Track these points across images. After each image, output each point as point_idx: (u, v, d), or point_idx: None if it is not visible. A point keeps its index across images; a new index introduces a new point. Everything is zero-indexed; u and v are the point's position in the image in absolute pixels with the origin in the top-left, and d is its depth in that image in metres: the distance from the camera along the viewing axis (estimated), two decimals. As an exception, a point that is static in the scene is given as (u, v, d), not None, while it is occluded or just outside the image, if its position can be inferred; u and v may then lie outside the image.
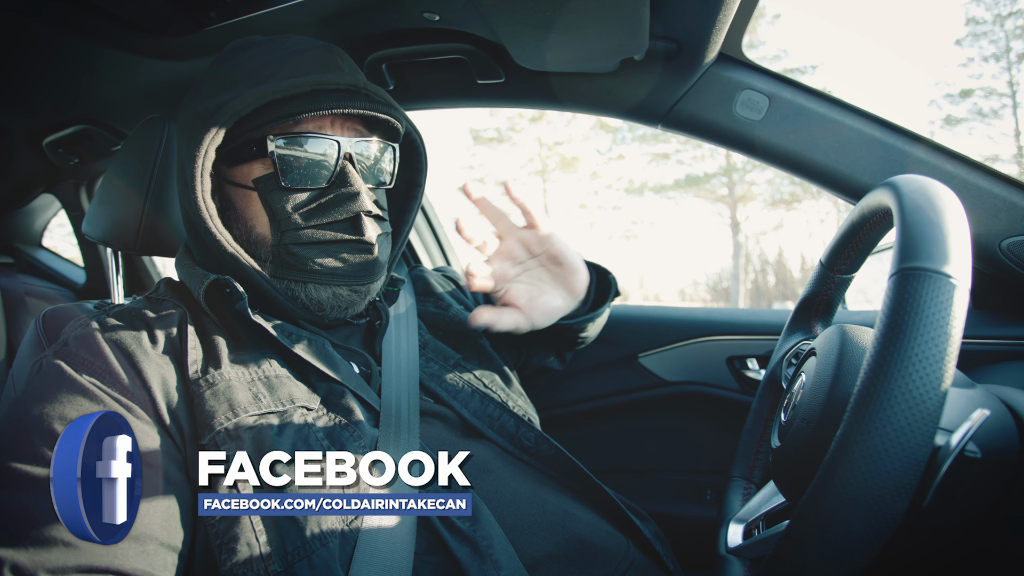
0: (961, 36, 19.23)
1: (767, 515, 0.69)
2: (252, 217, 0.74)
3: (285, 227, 0.72)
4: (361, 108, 0.72)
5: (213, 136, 0.68)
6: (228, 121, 0.68)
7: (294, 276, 0.73)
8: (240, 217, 0.74)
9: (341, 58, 0.77)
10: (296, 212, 0.72)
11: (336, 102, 0.71)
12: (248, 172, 0.73)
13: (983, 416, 0.45)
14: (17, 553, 0.52)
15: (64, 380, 0.62)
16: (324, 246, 0.73)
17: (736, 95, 1.02)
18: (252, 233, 0.74)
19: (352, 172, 0.73)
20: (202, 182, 0.69)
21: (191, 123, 0.72)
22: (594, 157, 24.53)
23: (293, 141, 0.71)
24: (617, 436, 1.34)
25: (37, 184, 1.70)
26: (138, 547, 0.56)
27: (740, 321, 1.25)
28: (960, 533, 0.52)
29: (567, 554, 0.67)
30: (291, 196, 0.72)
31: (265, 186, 0.72)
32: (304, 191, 0.72)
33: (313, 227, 0.72)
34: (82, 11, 0.96)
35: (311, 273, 0.73)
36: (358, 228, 0.73)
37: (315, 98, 0.70)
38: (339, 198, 0.72)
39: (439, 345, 0.88)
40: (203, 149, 0.68)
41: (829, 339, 0.61)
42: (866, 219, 0.64)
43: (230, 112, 0.68)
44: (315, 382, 0.71)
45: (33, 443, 0.57)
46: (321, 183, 0.72)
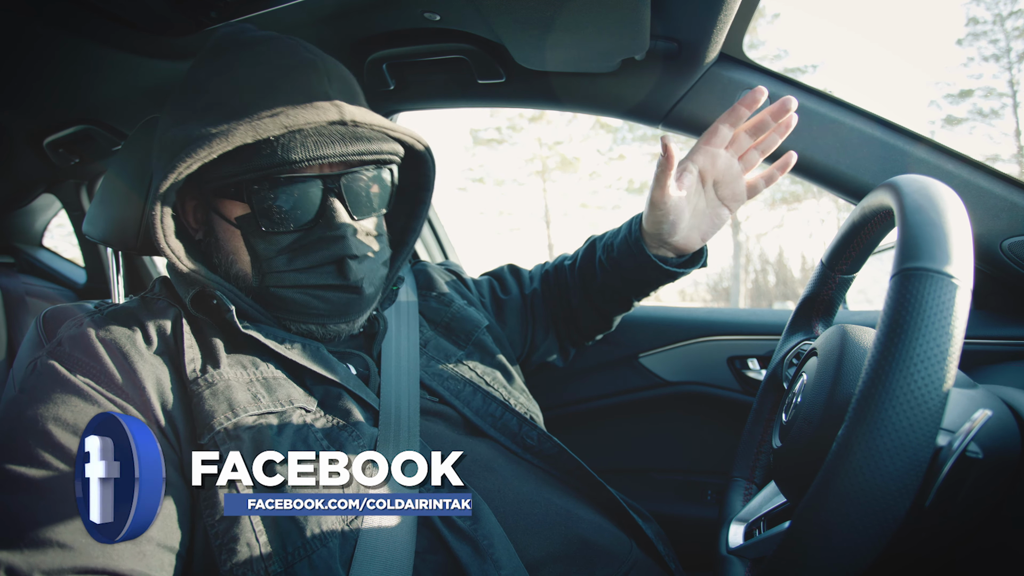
0: (961, 36, 19.23)
1: (768, 515, 0.69)
2: (234, 252, 0.73)
3: (267, 269, 0.71)
4: (340, 154, 0.67)
5: (172, 180, 0.65)
6: (190, 166, 0.64)
7: (280, 314, 0.73)
8: (222, 249, 0.73)
9: (329, 78, 0.70)
10: (278, 255, 0.71)
11: (315, 149, 0.66)
12: (231, 209, 0.71)
13: (985, 416, 0.45)
14: (12, 555, 0.52)
15: (58, 381, 0.62)
16: (307, 290, 0.72)
17: (737, 95, 1.02)
18: (233, 267, 0.73)
19: (338, 211, 0.70)
20: (163, 226, 0.67)
21: (160, 151, 0.69)
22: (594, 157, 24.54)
23: (272, 183, 0.67)
24: (617, 436, 1.34)
25: (38, 184, 1.70)
26: (134, 548, 0.55)
27: (741, 321, 1.24)
28: (961, 533, 0.52)
29: (569, 554, 0.67)
30: (273, 238, 0.70)
31: (247, 227, 0.71)
32: (286, 233, 0.70)
33: (296, 270, 0.71)
34: (82, 11, 0.96)
35: (295, 313, 0.73)
36: (343, 272, 0.71)
37: (291, 145, 0.65)
38: (323, 241, 0.70)
39: (441, 342, 0.88)
40: (160, 192, 0.65)
41: (830, 339, 0.60)
42: (867, 219, 0.64)
43: (193, 157, 0.64)
44: (311, 385, 0.71)
45: (27, 444, 0.57)
46: (304, 223, 0.70)
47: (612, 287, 0.98)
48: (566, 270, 1.06)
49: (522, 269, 1.12)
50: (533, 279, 1.09)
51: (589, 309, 1.03)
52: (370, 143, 0.70)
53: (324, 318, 0.73)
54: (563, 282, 1.05)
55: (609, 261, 0.95)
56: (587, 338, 1.10)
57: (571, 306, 1.04)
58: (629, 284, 0.96)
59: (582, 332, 1.08)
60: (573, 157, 22.43)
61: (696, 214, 0.88)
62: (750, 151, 0.87)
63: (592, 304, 1.02)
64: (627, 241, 0.92)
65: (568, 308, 1.05)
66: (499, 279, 1.10)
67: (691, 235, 0.89)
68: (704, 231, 0.90)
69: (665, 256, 0.92)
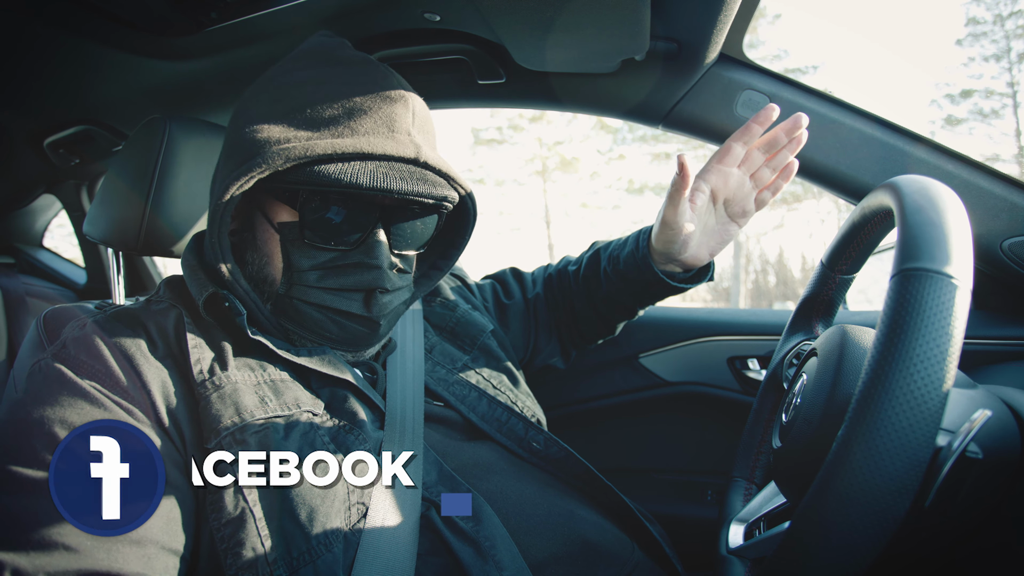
0: (961, 36, 19.22)
1: (768, 516, 0.69)
2: (268, 255, 0.72)
3: (296, 280, 0.71)
4: (404, 192, 0.67)
5: (243, 182, 0.65)
6: (263, 172, 0.65)
7: (290, 326, 0.73)
8: (258, 249, 0.73)
9: (413, 116, 0.71)
10: (312, 270, 0.71)
11: (383, 180, 0.66)
12: (277, 211, 0.71)
13: (984, 417, 0.45)
14: (18, 557, 0.52)
15: (64, 383, 0.61)
16: (327, 312, 0.72)
17: (737, 95, 1.02)
18: (264, 269, 0.73)
19: (380, 244, 0.70)
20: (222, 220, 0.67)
21: (238, 144, 0.69)
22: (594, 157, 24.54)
23: (327, 200, 0.68)
24: (618, 436, 1.34)
25: (38, 184, 1.69)
26: (138, 550, 0.55)
27: (741, 321, 1.24)
28: (961, 533, 0.52)
29: (572, 555, 0.67)
30: (311, 252, 0.70)
31: (288, 235, 0.71)
32: (325, 250, 0.70)
33: (324, 289, 0.71)
34: (82, 11, 0.96)
35: (306, 330, 0.73)
36: (369, 304, 0.72)
37: (361, 172, 0.65)
38: (359, 267, 0.70)
39: (446, 347, 0.88)
40: (229, 194, 0.66)
41: (830, 340, 0.60)
42: (867, 219, 0.64)
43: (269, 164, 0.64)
44: (317, 388, 0.71)
45: (33, 446, 0.57)
46: (345, 246, 0.70)
47: (617, 298, 0.99)
48: (570, 276, 1.06)
49: (524, 272, 1.12)
50: (536, 283, 1.09)
51: (593, 316, 1.04)
52: (433, 187, 0.70)
53: (333, 343, 0.73)
54: (567, 287, 1.05)
55: (615, 273, 0.96)
56: (589, 342, 1.10)
57: (574, 311, 1.05)
58: (634, 296, 0.97)
59: (585, 337, 1.08)
60: (573, 157, 22.44)
61: (706, 231, 0.89)
62: (762, 168, 0.87)
63: (596, 312, 1.03)
64: (634, 256, 0.92)
65: (571, 313, 1.05)
66: (502, 283, 1.10)
67: (700, 252, 0.89)
68: (713, 247, 0.90)
69: (672, 272, 0.92)
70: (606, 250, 1.01)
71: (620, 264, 0.95)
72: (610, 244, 1.02)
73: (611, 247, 1.01)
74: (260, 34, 1.01)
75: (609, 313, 1.02)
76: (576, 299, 1.04)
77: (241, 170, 0.65)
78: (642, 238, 0.93)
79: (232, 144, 0.70)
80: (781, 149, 0.86)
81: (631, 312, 1.03)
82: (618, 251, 0.97)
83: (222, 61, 1.10)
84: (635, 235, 0.96)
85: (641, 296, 0.97)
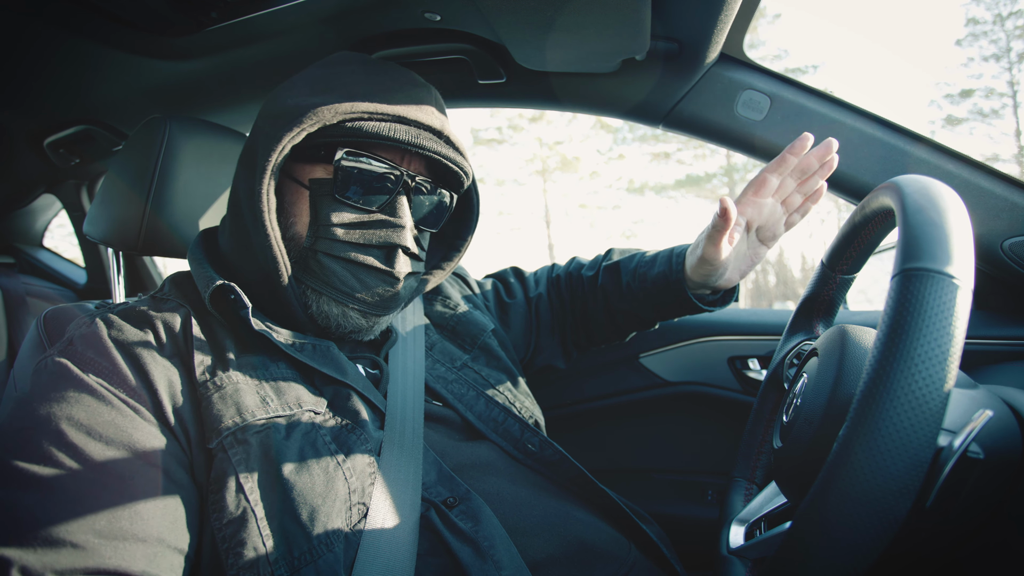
0: (961, 36, 19.24)
1: (769, 516, 0.69)
2: (296, 214, 0.74)
3: (323, 234, 0.73)
4: (435, 151, 0.74)
5: (295, 133, 0.69)
6: (314, 124, 0.69)
7: (312, 283, 0.74)
8: (285, 212, 0.75)
9: (436, 102, 0.78)
10: (338, 225, 0.73)
11: (416, 138, 0.72)
12: (308, 171, 0.74)
13: (986, 417, 0.45)
14: (25, 554, 0.51)
15: (71, 380, 0.61)
16: (351, 265, 0.73)
17: (738, 95, 1.02)
18: (291, 230, 0.74)
19: (404, 206, 0.74)
20: (270, 178, 0.70)
21: (277, 114, 0.72)
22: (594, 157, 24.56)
23: (361, 159, 0.72)
24: (618, 436, 1.34)
25: (38, 184, 1.70)
26: (145, 549, 0.55)
27: (741, 321, 1.24)
28: (962, 533, 0.52)
29: (569, 556, 0.67)
30: (339, 208, 0.73)
31: (319, 189, 0.73)
32: (354, 208, 0.73)
33: (349, 243, 0.73)
34: (82, 11, 0.96)
35: (329, 287, 0.73)
36: (391, 260, 0.74)
37: (398, 128, 0.72)
38: (383, 225, 0.74)
39: (447, 346, 0.88)
40: (281, 145, 0.69)
41: (831, 340, 0.60)
42: (868, 219, 0.64)
43: (317, 117, 0.69)
44: (320, 386, 0.71)
45: (40, 443, 0.57)
46: (371, 206, 0.73)
47: (639, 312, 1.01)
48: (584, 281, 1.06)
49: (526, 272, 1.13)
50: (539, 283, 1.09)
51: (606, 322, 1.05)
52: (456, 155, 0.77)
53: (354, 300, 0.74)
54: (580, 291, 1.06)
55: (641, 291, 0.97)
56: (596, 344, 1.12)
57: (587, 315, 1.06)
58: (658, 312, 1.00)
59: (592, 339, 1.10)
60: (573, 157, 22.45)
61: (738, 257, 0.90)
62: (793, 194, 0.88)
63: (612, 321, 1.04)
64: (666, 278, 0.94)
65: (583, 316, 1.07)
66: (503, 282, 1.10)
67: (732, 276, 0.91)
68: (744, 270, 0.92)
69: (703, 295, 0.95)
70: (629, 264, 1.02)
71: (648, 282, 0.96)
72: (633, 258, 1.02)
73: (636, 263, 1.01)
74: (260, 34, 1.01)
75: (626, 323, 1.05)
76: (590, 303, 1.05)
77: (291, 124, 0.69)
78: (675, 262, 0.94)
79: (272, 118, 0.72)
80: (813, 175, 0.87)
81: (649, 324, 1.06)
82: (645, 269, 0.98)
83: (222, 61, 1.10)
84: (666, 256, 0.97)
85: (664, 313, 1.00)
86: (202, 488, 0.62)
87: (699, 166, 21.05)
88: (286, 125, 0.69)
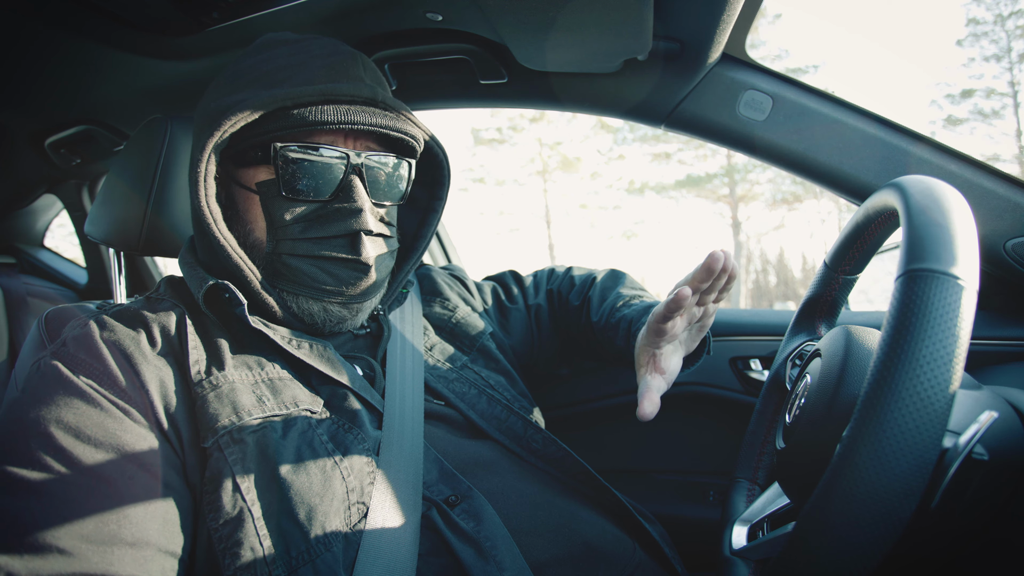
0: (962, 36, 19.23)
1: (772, 517, 0.68)
2: (252, 221, 0.73)
3: (281, 236, 0.72)
4: (370, 124, 0.70)
5: (217, 139, 0.67)
6: (234, 125, 0.67)
7: (285, 286, 0.73)
8: (241, 219, 0.74)
9: (364, 67, 0.75)
10: (294, 223, 0.71)
11: (346, 115, 0.69)
12: (253, 175, 0.73)
13: (991, 418, 0.45)
14: (11, 559, 0.51)
15: (61, 382, 0.61)
16: (317, 261, 0.72)
17: (739, 95, 1.02)
18: (250, 236, 0.73)
19: (358, 188, 0.71)
20: (206, 185, 0.69)
21: (201, 121, 0.71)
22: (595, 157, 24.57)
23: (299, 150, 0.70)
24: (618, 437, 1.34)
25: (39, 184, 1.70)
26: (135, 553, 0.55)
27: (742, 322, 1.24)
28: (967, 534, 0.52)
29: (573, 556, 0.67)
30: (291, 206, 0.71)
31: (267, 191, 0.72)
32: (304, 202, 0.71)
33: (309, 240, 0.71)
34: (83, 11, 0.96)
35: (301, 286, 0.73)
36: (356, 247, 0.72)
37: (325, 109, 0.68)
38: (340, 213, 0.71)
39: (446, 347, 0.88)
40: (206, 152, 0.67)
41: (834, 340, 0.60)
42: (871, 220, 0.64)
43: (236, 116, 0.67)
44: (317, 385, 0.71)
45: (29, 446, 0.56)
46: (323, 196, 0.71)
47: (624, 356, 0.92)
48: (571, 311, 1.03)
49: (524, 277, 1.12)
50: (538, 291, 1.09)
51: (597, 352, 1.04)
52: (396, 121, 0.73)
53: (330, 295, 0.73)
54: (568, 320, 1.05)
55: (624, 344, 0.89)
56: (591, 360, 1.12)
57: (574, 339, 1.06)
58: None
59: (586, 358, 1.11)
60: (574, 157, 22.45)
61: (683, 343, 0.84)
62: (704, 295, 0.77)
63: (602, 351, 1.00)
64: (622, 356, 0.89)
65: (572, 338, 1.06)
66: (503, 285, 1.10)
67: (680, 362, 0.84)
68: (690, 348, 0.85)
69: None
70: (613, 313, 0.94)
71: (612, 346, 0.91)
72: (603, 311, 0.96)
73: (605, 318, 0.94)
74: (260, 34, 1.01)
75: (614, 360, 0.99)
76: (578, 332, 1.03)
77: (211, 129, 0.67)
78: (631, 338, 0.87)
79: (199, 124, 0.72)
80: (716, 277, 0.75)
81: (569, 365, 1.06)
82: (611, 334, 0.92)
83: (223, 61, 1.10)
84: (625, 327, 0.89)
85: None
86: (195, 489, 0.61)
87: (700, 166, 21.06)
88: (207, 130, 0.67)
